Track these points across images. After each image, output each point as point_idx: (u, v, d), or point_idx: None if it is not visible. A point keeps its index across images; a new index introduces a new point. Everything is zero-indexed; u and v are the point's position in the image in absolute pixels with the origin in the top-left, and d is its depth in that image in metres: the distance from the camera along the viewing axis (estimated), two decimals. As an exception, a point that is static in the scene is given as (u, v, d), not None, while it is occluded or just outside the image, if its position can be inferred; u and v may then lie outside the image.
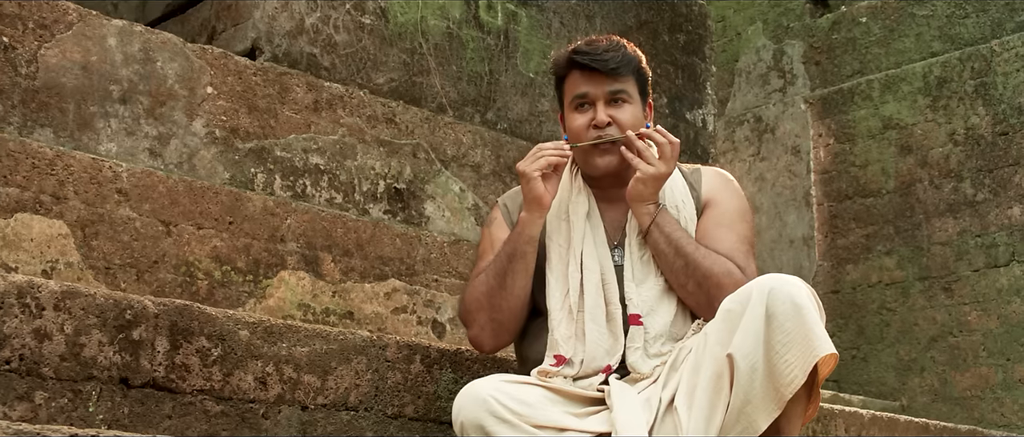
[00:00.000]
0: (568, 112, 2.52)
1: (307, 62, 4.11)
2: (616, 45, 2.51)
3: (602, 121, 2.44)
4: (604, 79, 2.46)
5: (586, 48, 2.49)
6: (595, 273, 2.43)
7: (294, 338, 2.43)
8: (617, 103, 2.47)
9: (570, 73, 2.51)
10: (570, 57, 2.50)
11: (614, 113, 2.46)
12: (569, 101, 2.51)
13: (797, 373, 2.13)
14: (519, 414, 2.16)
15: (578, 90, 2.48)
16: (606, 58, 2.45)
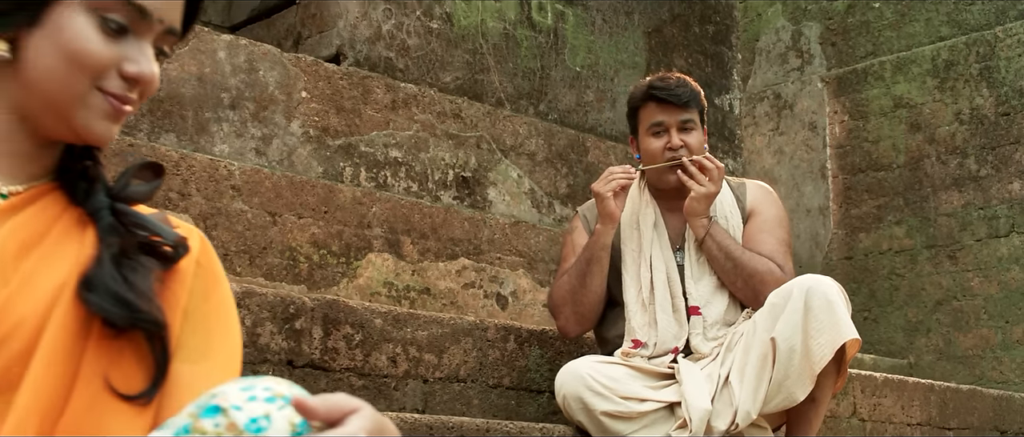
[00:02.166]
0: (645, 136, 3.04)
1: (384, 65, 4.61)
2: (684, 81, 3.03)
3: (676, 145, 2.98)
4: (677, 110, 2.99)
5: (661, 83, 3.01)
6: (662, 272, 2.97)
7: (416, 324, 2.98)
8: (687, 130, 3.00)
9: (646, 104, 3.03)
10: (648, 91, 3.02)
11: (685, 138, 2.99)
12: (646, 127, 3.03)
13: (827, 352, 2.68)
14: (609, 388, 2.72)
15: (655, 118, 3.01)
16: (679, 92, 2.98)
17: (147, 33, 1.18)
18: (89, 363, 1.10)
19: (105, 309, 1.10)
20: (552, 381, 3.24)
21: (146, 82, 1.17)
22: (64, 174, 1.22)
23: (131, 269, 1.14)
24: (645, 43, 5.66)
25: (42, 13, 1.14)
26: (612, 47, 5.50)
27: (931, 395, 4.51)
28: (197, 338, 1.19)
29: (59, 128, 1.18)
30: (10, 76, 1.16)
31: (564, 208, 5.10)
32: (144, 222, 1.20)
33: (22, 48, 1.15)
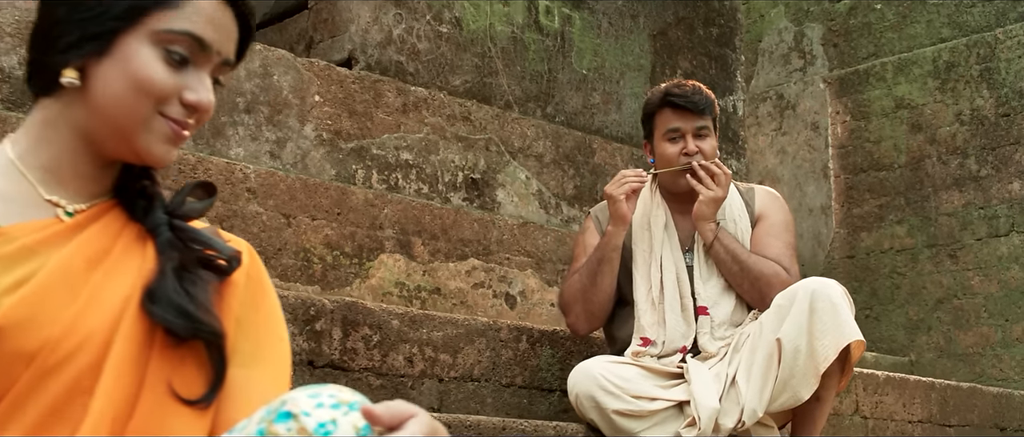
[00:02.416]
0: (660, 141, 3.12)
1: (395, 69, 4.70)
2: (700, 89, 3.12)
3: (692, 150, 3.07)
4: (693, 116, 3.08)
5: (678, 91, 3.10)
6: (672, 273, 3.06)
7: (431, 325, 3.07)
8: (701, 136, 3.09)
9: (662, 110, 3.12)
10: (665, 97, 3.11)
11: (699, 144, 3.08)
12: (662, 133, 3.11)
13: (830, 353, 2.77)
14: (621, 387, 2.81)
15: (671, 124, 3.10)
16: (695, 100, 3.07)
17: (205, 64, 1.27)
18: (153, 371, 1.19)
19: (168, 320, 1.19)
20: (563, 380, 3.33)
21: (204, 109, 1.26)
22: (123, 192, 1.31)
23: (191, 282, 1.23)
24: (650, 46, 5.74)
25: (111, 44, 1.23)
26: (618, 50, 5.58)
27: (932, 393, 4.60)
28: (249, 345, 1.28)
29: (121, 150, 1.27)
30: (77, 102, 1.25)
31: (571, 209, 5.18)
32: (200, 237, 1.29)
33: (90, 76, 1.24)
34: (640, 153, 5.51)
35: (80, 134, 1.27)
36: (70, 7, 1.24)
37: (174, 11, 1.24)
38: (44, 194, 1.26)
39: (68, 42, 1.24)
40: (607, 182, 4.91)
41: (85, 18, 1.24)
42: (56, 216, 1.26)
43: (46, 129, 1.28)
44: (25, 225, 1.22)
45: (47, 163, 1.28)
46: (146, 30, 1.24)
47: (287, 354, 1.33)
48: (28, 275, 1.17)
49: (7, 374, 1.12)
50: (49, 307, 1.16)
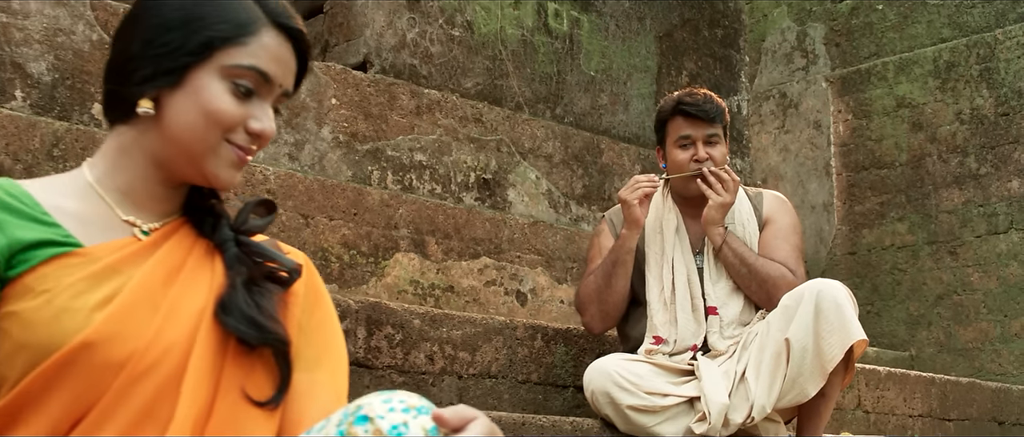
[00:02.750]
0: (672, 148, 3.24)
1: (409, 72, 4.82)
2: (711, 98, 3.23)
3: (702, 157, 3.19)
4: (704, 124, 3.20)
5: (690, 99, 3.21)
6: (683, 274, 3.18)
7: (451, 324, 3.19)
8: (712, 143, 3.21)
9: (675, 118, 3.24)
10: (677, 105, 3.23)
11: (710, 151, 3.20)
12: (674, 140, 3.23)
13: (837, 352, 2.89)
14: (635, 384, 2.94)
15: (682, 132, 3.22)
16: (706, 108, 3.19)
17: (268, 95, 1.39)
18: (227, 376, 1.31)
19: (240, 330, 1.32)
20: (576, 376, 3.46)
21: (267, 137, 1.38)
22: (192, 211, 1.43)
23: (259, 294, 1.36)
24: (656, 47, 5.86)
25: (183, 77, 1.35)
26: (625, 52, 5.70)
27: (932, 388, 4.72)
28: (310, 349, 1.41)
29: (191, 173, 1.39)
30: (151, 129, 1.37)
31: (580, 208, 5.30)
32: (263, 251, 1.41)
33: (164, 106, 1.36)
34: (647, 152, 5.63)
35: (153, 159, 1.39)
36: (146, 43, 1.36)
37: (241, 47, 1.36)
38: (121, 215, 1.39)
39: (144, 75, 1.36)
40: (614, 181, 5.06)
41: (160, 54, 1.36)
42: (133, 235, 1.38)
43: (121, 155, 1.40)
44: (106, 245, 1.34)
45: (123, 186, 1.40)
46: (216, 65, 1.36)
47: (345, 357, 1.46)
48: (114, 292, 1.29)
49: (98, 383, 1.24)
50: (134, 321, 1.28)
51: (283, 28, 1.40)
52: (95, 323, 1.25)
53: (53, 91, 3.80)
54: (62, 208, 1.34)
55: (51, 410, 1.24)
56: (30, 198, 1.33)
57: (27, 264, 1.28)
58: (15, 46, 3.72)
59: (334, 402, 1.40)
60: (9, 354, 1.25)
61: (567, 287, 4.93)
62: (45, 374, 1.24)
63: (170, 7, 1.37)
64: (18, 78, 3.72)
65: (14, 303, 1.26)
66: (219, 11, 1.37)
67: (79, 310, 1.26)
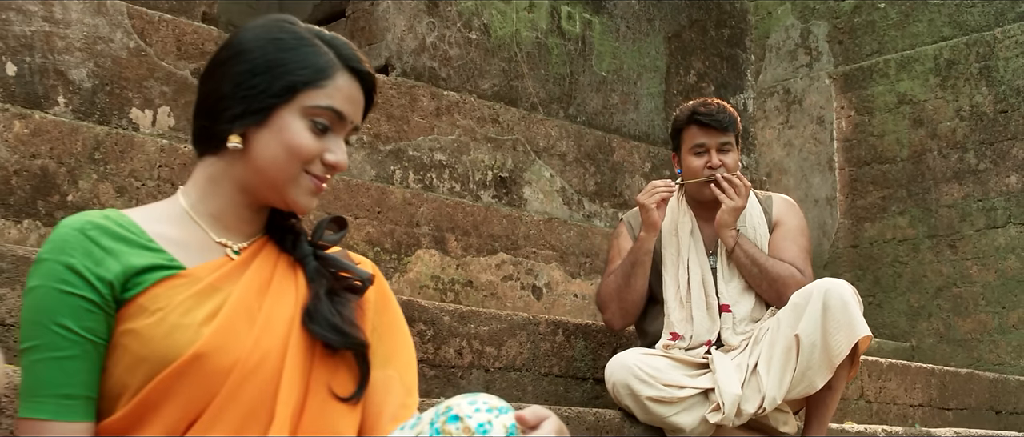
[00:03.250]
0: (687, 155, 3.43)
1: (429, 75, 4.99)
2: (724, 108, 3.42)
3: (716, 164, 3.37)
4: (717, 133, 3.38)
5: (704, 109, 3.40)
6: (698, 274, 3.37)
7: (478, 320, 3.38)
8: (724, 151, 3.40)
9: (689, 127, 3.42)
10: (692, 115, 3.41)
11: (723, 158, 3.38)
12: (689, 147, 3.42)
13: (843, 348, 3.08)
14: (653, 376, 3.13)
15: (697, 140, 3.40)
16: (720, 118, 3.37)
17: (341, 130, 1.58)
18: (316, 376, 1.51)
19: (326, 336, 1.52)
20: (595, 369, 3.65)
21: (341, 168, 1.57)
22: (273, 230, 1.62)
23: (339, 303, 1.55)
24: (665, 48, 6.04)
25: (268, 116, 1.53)
26: (635, 52, 5.88)
27: (932, 378, 4.91)
28: (383, 348, 1.60)
29: (274, 199, 1.58)
30: (239, 161, 1.56)
31: (592, 205, 5.49)
32: (339, 263, 1.61)
33: (250, 141, 1.55)
34: (656, 150, 5.81)
35: (240, 187, 1.58)
36: (235, 85, 1.55)
37: (319, 90, 1.55)
38: (214, 237, 1.58)
39: (233, 114, 1.55)
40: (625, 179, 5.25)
41: (248, 95, 1.54)
42: (226, 255, 1.57)
43: (211, 183, 1.59)
44: (205, 265, 1.53)
45: (214, 211, 1.59)
46: (297, 105, 1.54)
47: (413, 354, 1.66)
48: (217, 308, 1.49)
49: (209, 388, 1.44)
50: (236, 332, 1.48)
51: (354, 71, 1.59)
52: (204, 336, 1.45)
53: (93, 97, 3.98)
54: (164, 234, 1.54)
55: (169, 413, 1.43)
56: (137, 227, 1.52)
57: (140, 287, 1.47)
58: (57, 54, 3.90)
59: (406, 394, 1.61)
60: (129, 366, 1.45)
61: (581, 281, 5.12)
62: (163, 383, 1.43)
63: (256, 54, 1.56)
64: (60, 84, 3.90)
65: (131, 322, 1.46)
66: (300, 57, 1.55)
67: (189, 326, 1.45)
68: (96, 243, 1.46)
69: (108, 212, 1.52)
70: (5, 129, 3.52)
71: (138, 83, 4.09)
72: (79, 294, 1.43)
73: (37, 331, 1.42)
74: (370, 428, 1.57)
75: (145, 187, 3.81)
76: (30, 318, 1.44)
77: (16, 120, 3.55)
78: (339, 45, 1.60)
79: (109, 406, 1.46)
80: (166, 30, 4.18)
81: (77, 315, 1.43)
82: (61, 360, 1.41)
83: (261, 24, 1.61)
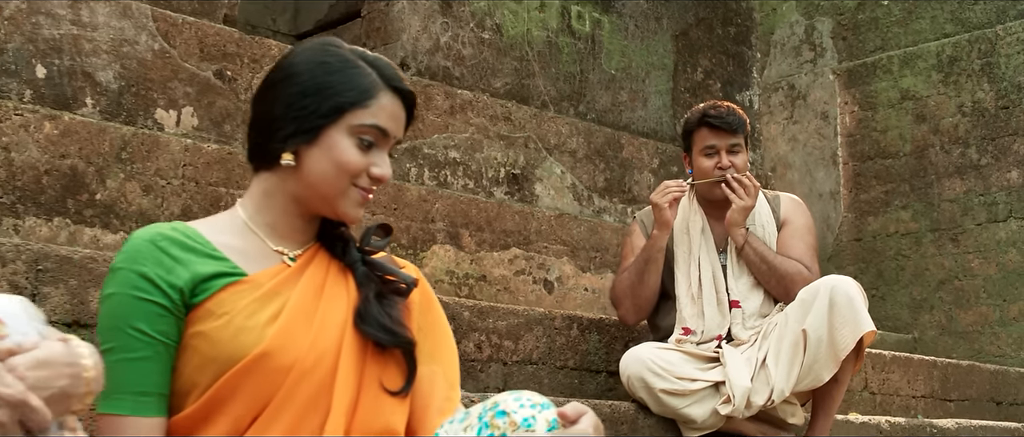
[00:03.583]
0: (698, 156, 3.55)
1: (443, 74, 5.11)
2: (733, 110, 3.54)
3: (725, 165, 3.50)
4: (727, 135, 3.51)
5: (714, 112, 3.52)
6: (709, 271, 3.49)
7: (496, 315, 3.50)
8: (734, 152, 3.52)
9: (700, 129, 3.54)
10: (702, 118, 3.53)
11: (732, 159, 3.51)
12: (699, 149, 3.54)
13: (849, 342, 3.21)
14: (667, 370, 3.26)
15: (708, 142, 3.52)
16: (730, 120, 3.49)
17: (385, 145, 1.71)
18: (368, 372, 1.64)
19: (377, 336, 1.64)
20: (608, 362, 3.78)
21: (386, 180, 1.70)
22: (324, 238, 1.75)
23: (388, 305, 1.68)
24: (673, 46, 6.15)
25: (318, 135, 1.66)
26: (643, 50, 6.00)
27: (934, 370, 5.03)
28: (427, 345, 1.73)
29: (324, 210, 1.71)
30: (291, 177, 1.69)
31: (602, 200, 5.61)
32: (386, 268, 1.73)
33: (302, 158, 1.67)
34: (664, 147, 5.93)
35: (293, 199, 1.71)
36: (287, 107, 1.68)
37: (365, 109, 1.67)
38: (271, 245, 1.71)
39: (286, 133, 1.67)
40: (634, 175, 5.37)
41: (299, 116, 1.67)
42: (283, 262, 1.70)
43: (266, 197, 1.73)
44: (265, 272, 1.67)
45: (271, 222, 1.72)
46: (345, 124, 1.67)
47: (455, 350, 1.79)
48: (278, 310, 1.62)
49: (272, 384, 1.57)
50: (296, 333, 1.61)
51: (396, 90, 1.72)
52: (268, 337, 1.58)
53: (120, 98, 4.10)
54: (227, 244, 1.67)
55: (236, 408, 1.56)
56: (202, 237, 1.66)
57: (207, 293, 1.60)
58: (85, 56, 4.02)
59: (449, 389, 1.74)
60: (198, 366, 1.58)
61: (591, 275, 5.24)
62: (230, 380, 1.56)
63: (305, 76, 1.68)
64: (88, 86, 4.02)
65: (200, 325, 1.59)
66: (346, 79, 1.68)
67: (253, 327, 1.59)
68: (166, 253, 1.59)
69: (176, 224, 1.65)
70: (36, 130, 3.64)
71: (162, 84, 4.21)
72: (152, 300, 1.56)
73: (114, 334, 1.55)
74: (417, 419, 1.70)
75: (170, 185, 3.93)
76: (107, 323, 1.57)
77: (46, 121, 3.67)
78: (382, 66, 1.72)
79: (179, 402, 1.59)
80: (189, 32, 4.29)
81: (150, 319, 1.56)
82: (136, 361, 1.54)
83: (309, 48, 1.74)
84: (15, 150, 3.58)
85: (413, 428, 1.69)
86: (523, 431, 1.42)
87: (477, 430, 1.46)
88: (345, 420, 1.59)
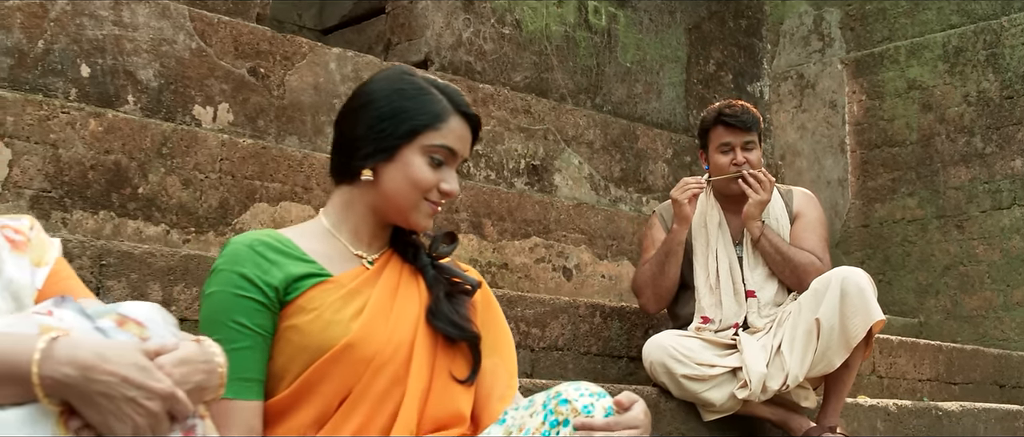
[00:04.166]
0: (714, 153, 3.73)
1: (465, 69, 5.28)
2: (748, 109, 3.72)
3: (740, 161, 3.67)
4: (741, 133, 3.68)
5: (729, 111, 3.69)
6: (726, 262, 3.68)
7: (524, 304, 3.68)
8: (748, 149, 3.70)
9: (716, 127, 3.72)
10: (718, 116, 3.71)
11: (747, 155, 3.69)
12: (715, 146, 3.72)
13: (860, 331, 3.39)
14: (686, 356, 3.45)
15: (723, 139, 3.70)
16: (744, 119, 3.67)
17: (453, 164, 1.90)
18: (439, 363, 1.84)
19: (447, 331, 1.84)
20: (629, 348, 3.97)
21: (453, 195, 1.90)
22: (397, 244, 1.94)
23: (457, 303, 1.88)
24: (686, 38, 6.32)
25: (395, 154, 1.85)
26: (658, 44, 6.16)
27: (939, 355, 5.21)
28: (489, 339, 1.94)
29: (397, 220, 1.91)
30: (370, 190, 1.89)
31: (618, 190, 5.79)
32: (452, 271, 1.93)
33: (379, 174, 1.88)
34: (677, 137, 6.10)
35: (371, 209, 1.91)
36: (368, 129, 1.88)
37: (436, 131, 1.87)
38: (352, 250, 1.92)
39: (366, 152, 1.88)
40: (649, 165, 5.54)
41: (378, 137, 1.87)
42: (362, 265, 1.91)
43: (347, 207, 1.94)
44: (347, 273, 1.87)
45: (351, 229, 1.93)
46: (418, 144, 1.87)
47: (512, 345, 2.00)
48: (360, 307, 1.82)
49: (355, 372, 1.77)
50: (376, 327, 1.81)
51: (464, 115, 1.93)
52: (353, 330, 1.79)
53: (160, 95, 4.27)
54: (313, 249, 1.88)
55: (324, 393, 1.77)
56: (292, 243, 1.86)
57: (298, 291, 1.81)
58: (127, 56, 4.19)
59: (509, 378, 1.96)
60: (291, 355, 1.79)
61: (607, 263, 5.42)
62: (319, 369, 1.77)
63: (383, 102, 1.89)
64: (130, 84, 4.20)
65: (292, 319, 1.80)
66: (420, 105, 1.88)
67: (340, 322, 1.79)
68: (263, 256, 1.79)
69: (269, 231, 1.86)
70: (82, 127, 3.81)
71: (199, 81, 4.39)
72: (251, 297, 1.77)
73: (217, 327, 1.75)
74: (481, 406, 1.91)
75: (208, 179, 4.11)
76: (210, 317, 1.78)
77: (91, 118, 3.84)
78: (451, 92, 1.92)
79: (273, 387, 1.80)
80: (224, 31, 4.47)
81: (250, 314, 1.77)
82: (239, 350, 1.74)
83: (386, 77, 1.94)
84: (62, 147, 3.75)
85: (477, 413, 1.90)
86: (583, 416, 1.61)
87: (542, 416, 1.64)
88: (418, 405, 1.79)
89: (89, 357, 1.25)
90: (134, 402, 1.26)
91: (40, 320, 1.31)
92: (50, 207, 3.73)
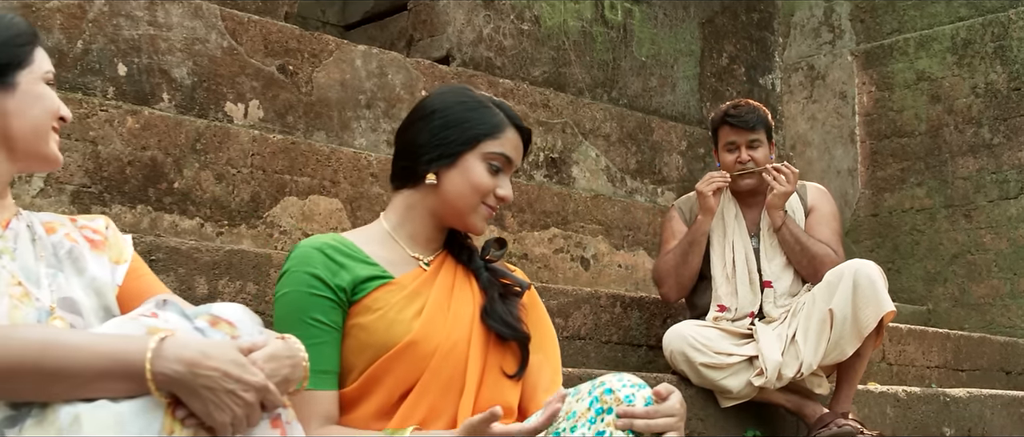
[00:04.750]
0: (722, 151, 3.88)
1: (486, 64, 5.42)
2: (753, 108, 3.86)
3: (745, 159, 3.82)
4: (746, 132, 3.83)
5: (734, 112, 3.84)
6: (742, 253, 3.82)
7: (548, 295, 3.83)
8: (753, 147, 3.84)
9: (722, 127, 3.87)
10: (724, 116, 3.86)
11: (752, 154, 3.83)
12: (722, 145, 3.87)
13: (871, 321, 3.54)
14: (706, 345, 3.60)
15: (729, 138, 3.85)
16: (747, 118, 3.81)
17: (508, 171, 2.06)
18: (491, 359, 2.00)
19: (499, 330, 2.00)
20: (648, 336, 4.12)
21: (508, 201, 2.05)
22: (451, 246, 2.10)
23: (509, 304, 2.04)
24: (699, 33, 6.45)
25: (456, 160, 2.01)
26: (672, 38, 6.29)
27: (947, 342, 5.35)
28: (536, 337, 2.10)
29: (456, 223, 2.06)
30: (431, 194, 2.05)
31: (634, 182, 5.93)
32: (503, 273, 2.08)
33: (441, 178, 2.04)
34: (692, 130, 6.24)
35: (431, 213, 2.06)
36: (432, 136, 2.04)
37: (495, 140, 2.04)
38: (410, 253, 2.07)
39: (429, 157, 2.03)
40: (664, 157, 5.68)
41: (441, 143, 2.03)
42: (420, 266, 2.06)
43: (408, 210, 2.09)
44: (408, 275, 2.03)
45: (410, 232, 2.08)
46: (479, 151, 2.03)
47: (556, 342, 2.16)
48: (421, 307, 1.98)
49: (417, 367, 1.93)
50: (436, 325, 1.97)
51: (518, 127, 2.09)
52: (415, 328, 1.95)
53: (193, 93, 4.42)
54: (376, 252, 2.03)
55: (388, 387, 1.93)
56: (356, 247, 2.01)
57: (364, 291, 1.97)
58: (161, 55, 4.33)
59: (554, 374, 2.11)
60: (357, 351, 1.95)
61: (624, 253, 5.56)
62: (384, 364, 1.93)
63: (447, 112, 2.05)
64: (164, 82, 4.34)
65: (359, 318, 1.96)
66: (481, 116, 2.05)
67: (403, 320, 1.95)
68: (332, 259, 1.95)
69: (334, 235, 2.02)
70: (119, 124, 3.96)
71: (231, 79, 4.53)
72: (325, 295, 1.93)
73: (294, 324, 1.91)
74: (528, 398, 2.06)
75: (240, 174, 4.25)
76: (287, 315, 1.93)
77: (128, 116, 3.99)
78: (506, 107, 2.09)
79: (342, 380, 1.96)
80: (254, 30, 4.61)
81: (324, 311, 1.93)
82: (316, 345, 1.89)
83: (448, 91, 2.12)
84: (101, 143, 3.90)
85: (524, 405, 2.05)
86: (626, 405, 1.76)
87: (588, 402, 1.79)
88: (474, 396, 1.95)
89: (194, 355, 1.42)
90: (233, 394, 1.42)
91: (146, 322, 1.47)
92: (90, 202, 3.87)
